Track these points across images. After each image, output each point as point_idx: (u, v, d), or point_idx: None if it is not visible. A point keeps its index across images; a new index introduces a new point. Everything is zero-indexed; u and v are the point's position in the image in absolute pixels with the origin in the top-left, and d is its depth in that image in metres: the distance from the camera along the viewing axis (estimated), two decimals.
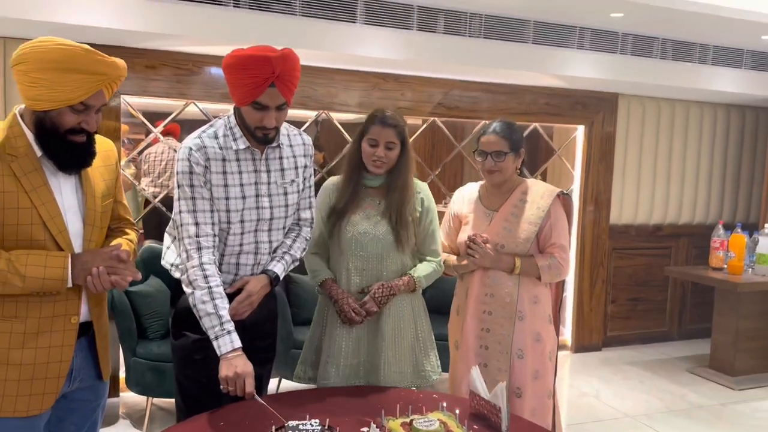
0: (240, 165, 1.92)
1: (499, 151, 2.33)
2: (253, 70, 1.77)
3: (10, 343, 1.58)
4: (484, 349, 2.38)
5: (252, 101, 1.81)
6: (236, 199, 1.90)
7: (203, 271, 1.82)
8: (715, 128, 5.33)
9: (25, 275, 1.53)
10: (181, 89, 3.71)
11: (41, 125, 1.56)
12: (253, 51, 1.80)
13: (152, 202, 4.06)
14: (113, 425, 3.36)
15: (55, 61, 1.50)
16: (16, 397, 1.59)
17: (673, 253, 5.30)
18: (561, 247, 2.37)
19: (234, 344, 1.79)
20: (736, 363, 4.36)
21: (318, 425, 1.54)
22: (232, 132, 1.92)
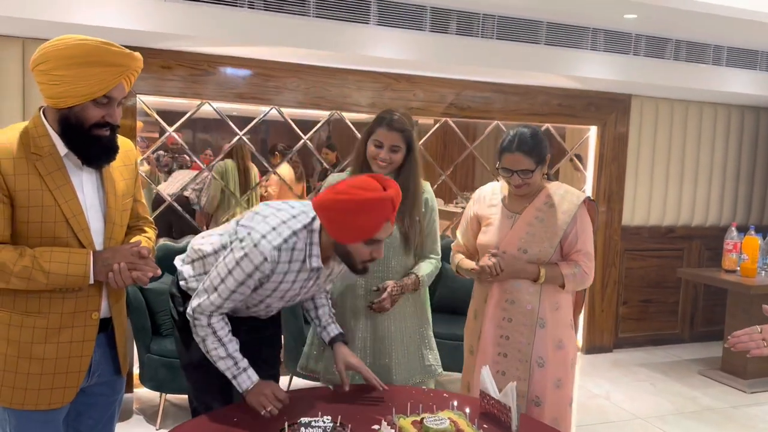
0: (298, 275, 1.86)
1: (525, 169, 2.22)
2: (375, 212, 1.70)
3: (33, 338, 1.62)
4: (502, 357, 2.29)
5: (368, 239, 1.75)
6: (275, 298, 1.91)
7: (211, 328, 1.87)
8: (729, 130, 5.30)
9: (49, 272, 1.57)
10: (195, 89, 3.76)
11: (66, 122, 1.59)
12: (367, 192, 1.70)
13: (167, 200, 4.10)
14: (127, 420, 3.41)
15: (76, 57, 1.53)
16: (38, 390, 1.64)
17: (686, 254, 5.28)
18: (586, 254, 2.27)
19: (252, 379, 1.85)
20: (748, 366, 4.33)
21: (330, 422, 1.56)
22: (310, 248, 1.82)
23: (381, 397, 1.96)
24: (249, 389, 1.83)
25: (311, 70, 3.95)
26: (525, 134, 2.24)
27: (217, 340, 1.86)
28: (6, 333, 1.62)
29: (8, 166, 1.56)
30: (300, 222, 1.83)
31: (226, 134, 8.91)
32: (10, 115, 3.36)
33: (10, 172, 1.56)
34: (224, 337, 1.86)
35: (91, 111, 1.59)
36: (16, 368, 1.62)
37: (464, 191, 6.30)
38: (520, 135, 2.24)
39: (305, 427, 1.53)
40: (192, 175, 5.63)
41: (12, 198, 1.57)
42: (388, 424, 1.64)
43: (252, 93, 3.88)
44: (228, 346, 1.86)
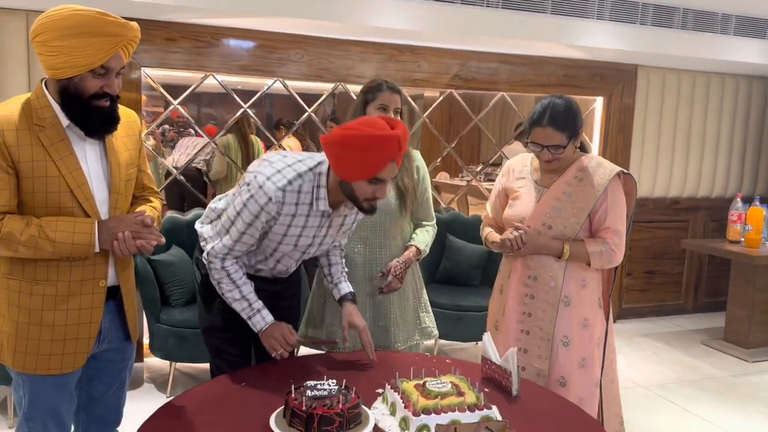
0: (307, 220, 1.89)
1: (557, 145, 2.11)
2: (381, 150, 1.72)
3: (43, 305, 1.67)
4: (524, 334, 2.23)
5: (372, 177, 1.76)
6: (288, 245, 1.94)
7: (225, 270, 1.95)
8: (737, 100, 5.26)
9: (55, 240, 1.60)
10: (200, 61, 3.75)
11: (66, 93, 1.61)
12: (375, 130, 1.71)
13: (173, 174, 4.13)
14: (138, 389, 3.49)
15: (73, 27, 1.54)
16: (49, 356, 1.69)
17: (691, 226, 5.29)
18: (615, 231, 2.16)
19: (266, 319, 1.95)
20: (750, 335, 4.37)
21: (335, 385, 1.60)
22: (317, 191, 1.85)
23: (384, 363, 2.01)
24: (263, 330, 1.93)
25: (315, 41, 3.94)
26: (558, 106, 2.13)
27: (232, 282, 1.94)
28: (17, 300, 1.67)
29: (11, 137, 1.58)
30: (306, 165, 1.86)
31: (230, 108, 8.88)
32: (16, 88, 3.37)
33: (13, 143, 1.58)
34: (238, 280, 1.95)
35: (89, 82, 1.60)
36: (27, 334, 1.67)
37: (470, 164, 6.30)
38: (552, 107, 2.13)
39: (311, 390, 1.57)
40: (198, 142, 5.67)
41: (16, 169, 1.59)
42: (391, 387, 1.68)
43: (256, 65, 3.87)
44: (242, 289, 1.95)
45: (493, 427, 1.35)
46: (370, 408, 1.65)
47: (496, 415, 1.60)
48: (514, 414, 1.67)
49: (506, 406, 1.73)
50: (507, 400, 1.78)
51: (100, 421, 1.91)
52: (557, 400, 1.86)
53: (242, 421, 1.59)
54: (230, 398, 1.72)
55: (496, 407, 1.63)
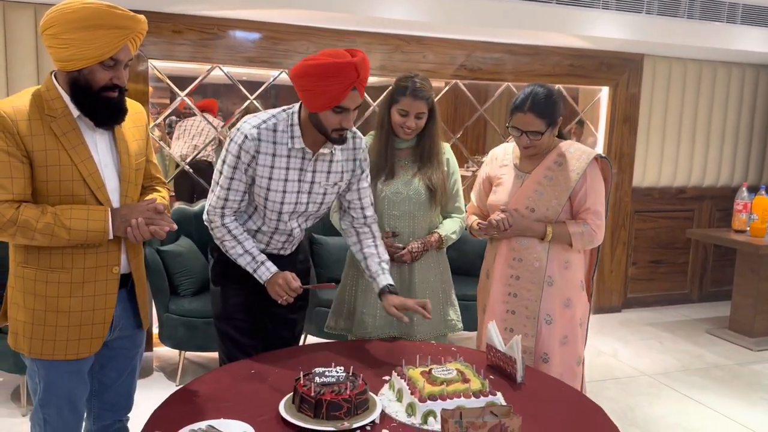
0: (289, 161, 1.97)
1: (535, 131, 2.20)
2: (337, 76, 1.79)
3: (59, 292, 1.71)
4: (510, 314, 2.32)
5: (334, 106, 1.83)
6: (276, 192, 1.99)
7: (226, 227, 2.03)
8: (743, 89, 5.24)
9: (71, 228, 1.64)
10: (206, 53, 3.78)
11: (76, 85, 1.64)
12: (334, 58, 1.80)
13: (181, 165, 4.16)
14: (148, 377, 3.54)
15: (82, 20, 1.57)
16: (66, 341, 1.73)
17: (696, 215, 5.29)
18: (595, 213, 2.27)
19: (270, 270, 2.02)
20: (755, 324, 4.38)
21: (343, 372, 1.64)
22: (291, 129, 1.95)
23: (391, 351, 2.04)
24: (268, 280, 2.00)
25: (321, 32, 3.95)
26: (539, 94, 2.20)
27: (233, 238, 2.02)
28: (33, 288, 1.71)
29: (25, 127, 1.62)
30: (280, 109, 2.00)
31: (236, 99, 8.88)
32: (25, 80, 3.41)
33: (27, 133, 1.62)
34: (239, 236, 2.03)
35: (99, 74, 1.63)
36: (44, 321, 1.71)
37: (475, 155, 6.31)
38: (534, 95, 2.20)
39: (319, 377, 1.60)
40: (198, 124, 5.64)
41: (30, 158, 1.63)
42: (398, 374, 1.71)
43: (262, 57, 3.89)
44: (245, 244, 2.03)
45: (497, 412, 1.37)
46: (377, 394, 1.69)
47: (500, 401, 1.63)
48: (519, 400, 1.70)
49: (511, 392, 1.76)
50: (512, 387, 1.80)
51: (112, 408, 1.95)
52: (561, 386, 1.89)
53: (252, 407, 1.62)
54: (240, 385, 1.76)
55: (500, 393, 1.66)
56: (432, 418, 1.56)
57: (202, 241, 3.56)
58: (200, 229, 3.62)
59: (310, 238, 3.83)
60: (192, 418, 1.53)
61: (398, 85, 2.27)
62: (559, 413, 1.69)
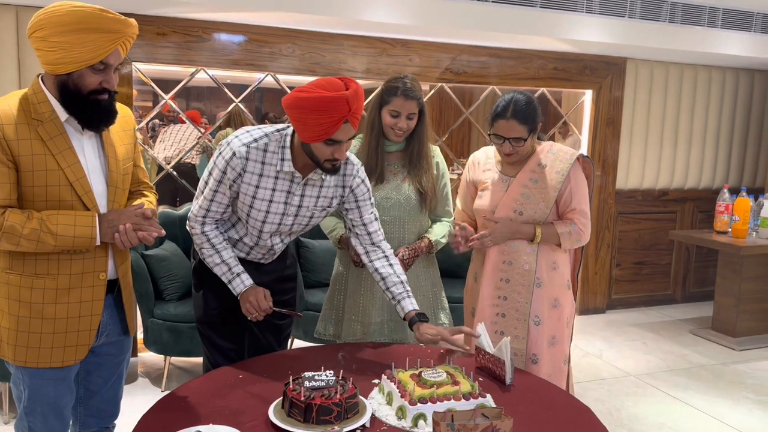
0: (276, 183, 1.93)
1: (518, 137, 2.21)
2: (330, 111, 1.74)
3: (44, 299, 1.68)
4: (500, 317, 2.32)
5: (326, 139, 1.79)
6: (259, 210, 1.96)
7: (205, 235, 2.01)
8: (723, 92, 5.32)
9: (57, 234, 1.61)
10: (190, 56, 3.75)
11: (65, 88, 1.62)
12: (325, 91, 1.75)
13: (165, 168, 4.12)
14: (133, 383, 3.50)
15: (72, 23, 1.55)
16: (51, 348, 1.70)
17: (679, 217, 5.35)
18: (581, 212, 2.29)
19: (245, 283, 1.99)
20: (738, 324, 4.44)
21: (332, 376, 1.63)
22: (282, 151, 1.90)
23: (380, 354, 2.03)
24: (241, 294, 1.97)
25: (306, 35, 3.95)
26: (520, 101, 2.21)
27: (212, 247, 2.00)
28: (17, 294, 1.68)
29: (11, 131, 1.59)
30: (275, 128, 1.95)
31: (219, 102, 8.82)
32: (6, 84, 3.36)
33: (13, 138, 1.59)
34: (218, 245, 2.01)
35: (88, 77, 1.61)
36: (29, 328, 1.68)
37: (460, 157, 6.33)
38: (515, 102, 2.21)
39: (309, 381, 1.59)
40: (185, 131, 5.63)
41: (16, 163, 1.60)
42: (387, 377, 1.71)
43: (247, 59, 3.87)
44: (222, 254, 2.00)
45: (488, 414, 1.38)
46: (366, 398, 1.68)
47: (490, 403, 1.63)
48: (508, 402, 1.70)
49: (500, 394, 1.77)
50: (501, 389, 1.81)
51: (98, 415, 1.93)
52: (550, 388, 1.90)
53: (241, 412, 1.61)
54: (229, 390, 1.74)
55: (490, 396, 1.67)
56: (422, 421, 1.56)
57: (187, 245, 3.50)
58: (185, 233, 3.57)
59: (297, 241, 3.81)
60: (180, 425, 1.52)
61: (389, 86, 2.25)
62: (548, 414, 1.70)
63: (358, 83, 1.81)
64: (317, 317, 2.53)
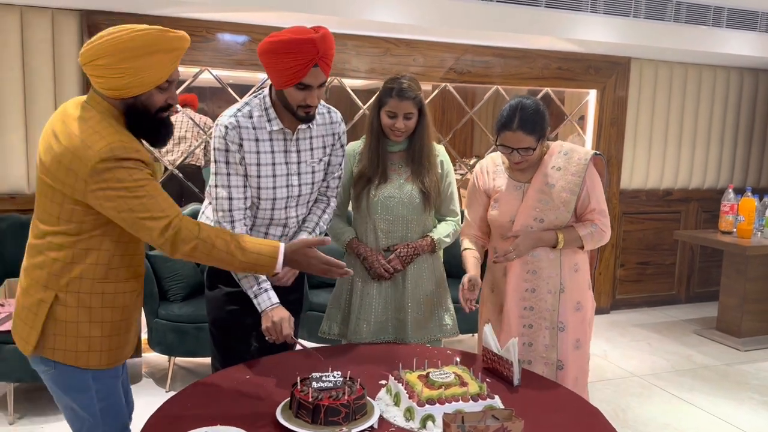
0: (273, 145, 1.98)
1: (526, 148, 2.15)
2: (297, 53, 1.79)
3: (134, 300, 1.76)
4: (528, 329, 2.26)
5: (296, 82, 1.84)
6: (267, 177, 1.98)
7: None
8: (728, 92, 5.30)
9: (245, 249, 1.70)
10: (194, 56, 3.74)
11: (132, 110, 1.63)
12: (294, 34, 1.80)
13: (169, 169, 4.12)
14: (137, 384, 3.49)
15: (139, 48, 1.55)
16: (126, 346, 1.78)
17: (683, 217, 5.34)
18: (600, 212, 2.25)
19: (272, 300, 1.96)
20: (742, 325, 4.43)
21: (340, 377, 1.62)
22: (266, 113, 1.96)
23: (388, 355, 2.03)
24: (265, 309, 1.95)
25: None
26: (526, 109, 2.13)
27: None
28: (112, 301, 1.69)
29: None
30: (251, 95, 2.01)
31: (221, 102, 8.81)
32: (10, 85, 3.36)
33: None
34: None
35: (155, 97, 1.63)
36: (119, 331, 1.73)
37: (464, 157, 6.32)
38: (521, 110, 2.12)
39: (316, 382, 1.58)
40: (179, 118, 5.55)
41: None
42: (395, 378, 1.70)
43: (251, 59, 3.87)
44: None
45: (499, 416, 1.37)
46: (374, 399, 1.67)
47: (498, 405, 1.62)
48: (516, 403, 1.70)
49: (508, 395, 1.76)
50: (508, 390, 1.80)
51: None
52: (557, 388, 1.89)
53: (249, 413, 1.61)
54: (236, 391, 1.74)
55: (498, 397, 1.66)
56: (430, 422, 1.55)
57: None
58: None
59: None
60: (187, 425, 1.51)
61: (385, 87, 2.26)
62: (557, 416, 1.69)
63: (328, 30, 1.85)
64: (321, 317, 2.52)
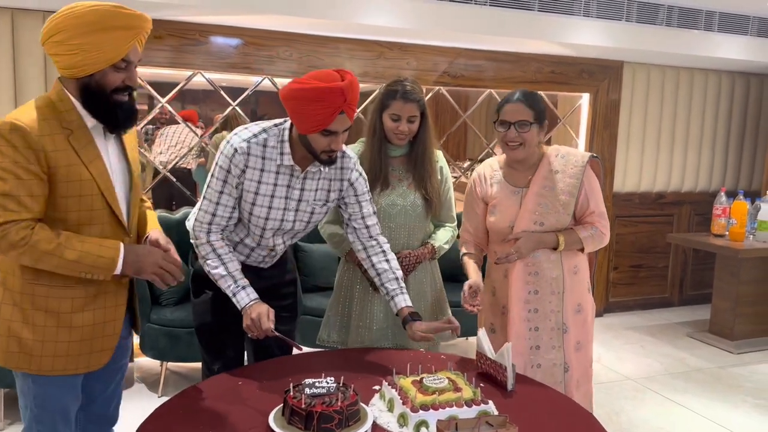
0: (277, 178, 1.93)
1: (523, 120, 2.16)
2: (325, 101, 1.76)
3: (73, 308, 1.66)
4: (533, 331, 2.25)
5: (322, 129, 1.81)
6: (262, 207, 1.95)
7: (211, 245, 1.96)
8: (720, 96, 5.33)
9: (81, 250, 1.59)
10: (187, 59, 3.73)
11: (87, 90, 1.59)
12: (321, 82, 1.77)
13: (162, 173, 4.10)
14: (129, 389, 3.47)
15: (92, 23, 1.53)
16: (78, 356, 1.68)
17: (676, 220, 5.36)
18: (600, 214, 2.26)
19: (250, 297, 1.93)
20: (735, 328, 4.44)
21: (333, 382, 1.61)
22: (281, 146, 1.91)
23: (381, 360, 2.02)
24: (244, 307, 1.92)
25: (303, 38, 3.93)
26: (526, 90, 2.24)
27: (217, 257, 1.95)
28: (44, 305, 1.64)
29: (49, 142, 1.56)
30: (271, 123, 1.95)
31: (215, 105, 8.78)
32: (1, 88, 3.33)
33: (51, 149, 1.56)
34: (224, 256, 1.96)
35: (111, 76, 1.59)
36: (56, 338, 1.65)
37: (457, 161, 6.32)
38: (522, 90, 2.24)
39: (309, 388, 1.57)
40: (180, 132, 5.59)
41: (54, 174, 1.57)
42: (388, 384, 1.69)
43: (244, 62, 3.86)
44: (228, 265, 1.95)
45: (493, 422, 1.36)
46: (367, 405, 1.66)
47: (492, 410, 1.61)
48: (510, 408, 1.69)
49: (502, 400, 1.75)
50: (502, 395, 1.79)
51: (98, 421, 1.90)
52: (551, 393, 1.88)
53: (241, 419, 1.59)
54: (228, 397, 1.72)
55: (492, 402, 1.65)
56: (424, 428, 1.54)
57: (183, 249, 3.48)
58: (182, 238, 3.56)
59: (296, 246, 3.79)
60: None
61: (388, 90, 2.23)
62: (551, 421, 1.68)
63: (353, 74, 1.82)
64: (315, 321, 2.50)
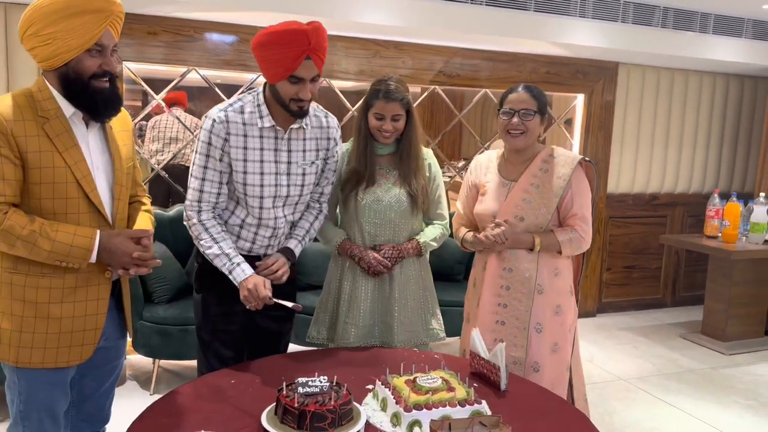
0: (262, 142, 1.96)
1: (527, 109, 2.21)
2: (289, 45, 1.80)
3: (50, 298, 1.66)
4: (499, 325, 2.27)
5: (288, 75, 1.84)
6: (254, 174, 1.96)
7: (203, 225, 1.98)
8: (714, 98, 5.35)
9: (54, 240, 1.59)
10: (181, 55, 3.71)
11: (66, 78, 1.61)
12: (286, 26, 1.83)
13: (155, 169, 4.08)
14: (121, 386, 3.45)
15: (61, 10, 1.55)
16: (57, 348, 1.67)
17: (669, 221, 5.37)
18: (582, 218, 2.27)
19: (246, 272, 1.96)
20: (727, 329, 4.46)
21: (326, 381, 1.60)
22: (259, 109, 1.95)
23: (374, 359, 2.01)
24: (241, 282, 1.94)
25: None
26: (529, 84, 2.30)
27: (210, 237, 1.97)
28: (22, 294, 1.64)
29: (19, 128, 1.58)
30: (245, 91, 1.99)
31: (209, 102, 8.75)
32: None
33: (21, 134, 1.58)
34: (216, 235, 1.98)
35: (87, 62, 1.61)
36: (34, 329, 1.65)
37: (452, 160, 6.32)
38: (524, 83, 2.30)
39: (302, 387, 1.57)
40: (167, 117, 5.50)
41: (24, 160, 1.59)
42: (382, 383, 1.69)
43: (240, 59, 3.84)
44: (222, 244, 1.97)
45: (486, 422, 1.36)
46: (361, 404, 1.66)
47: (485, 410, 1.61)
48: (503, 408, 1.69)
49: (495, 400, 1.75)
50: (495, 395, 1.80)
51: (89, 419, 1.90)
52: (544, 394, 1.88)
53: (234, 418, 1.58)
54: (221, 395, 1.71)
55: (485, 402, 1.65)
56: (417, 427, 1.54)
57: (178, 246, 3.48)
58: (176, 235, 3.55)
59: None
60: (171, 431, 1.49)
61: (372, 89, 2.25)
62: (544, 421, 1.68)
63: (321, 24, 1.86)
64: (307, 320, 2.50)
